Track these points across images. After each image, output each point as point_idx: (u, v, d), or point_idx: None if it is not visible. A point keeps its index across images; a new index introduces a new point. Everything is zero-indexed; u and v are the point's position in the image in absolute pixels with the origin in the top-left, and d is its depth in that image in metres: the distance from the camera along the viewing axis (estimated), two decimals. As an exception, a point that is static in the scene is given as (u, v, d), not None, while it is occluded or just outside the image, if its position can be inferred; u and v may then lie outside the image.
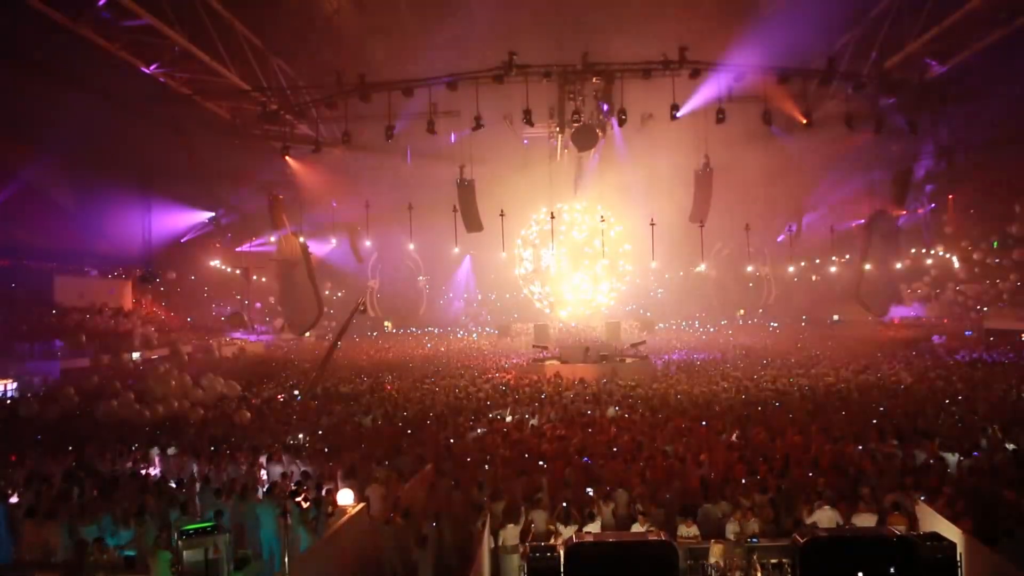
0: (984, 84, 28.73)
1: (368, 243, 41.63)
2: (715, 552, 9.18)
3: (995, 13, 23.84)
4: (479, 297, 55.07)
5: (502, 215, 31.65)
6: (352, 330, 40.86)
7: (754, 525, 10.33)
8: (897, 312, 42.56)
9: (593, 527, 10.42)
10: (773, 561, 9.14)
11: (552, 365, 30.71)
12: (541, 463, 13.92)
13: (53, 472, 14.01)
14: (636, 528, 10.18)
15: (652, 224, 31.59)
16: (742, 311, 52.92)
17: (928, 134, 31.71)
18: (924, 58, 27.95)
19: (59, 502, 11.50)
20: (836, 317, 47.39)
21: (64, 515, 10.92)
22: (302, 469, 13.92)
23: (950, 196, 39.39)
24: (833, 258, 45.04)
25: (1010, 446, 13.98)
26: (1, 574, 9.75)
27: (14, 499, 12.19)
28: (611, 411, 19.35)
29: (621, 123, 28.16)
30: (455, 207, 30.15)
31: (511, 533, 10.45)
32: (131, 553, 10.12)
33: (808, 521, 10.44)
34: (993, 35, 24.93)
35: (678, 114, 26.95)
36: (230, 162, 37.18)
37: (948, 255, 42.41)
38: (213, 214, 42.18)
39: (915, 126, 29.02)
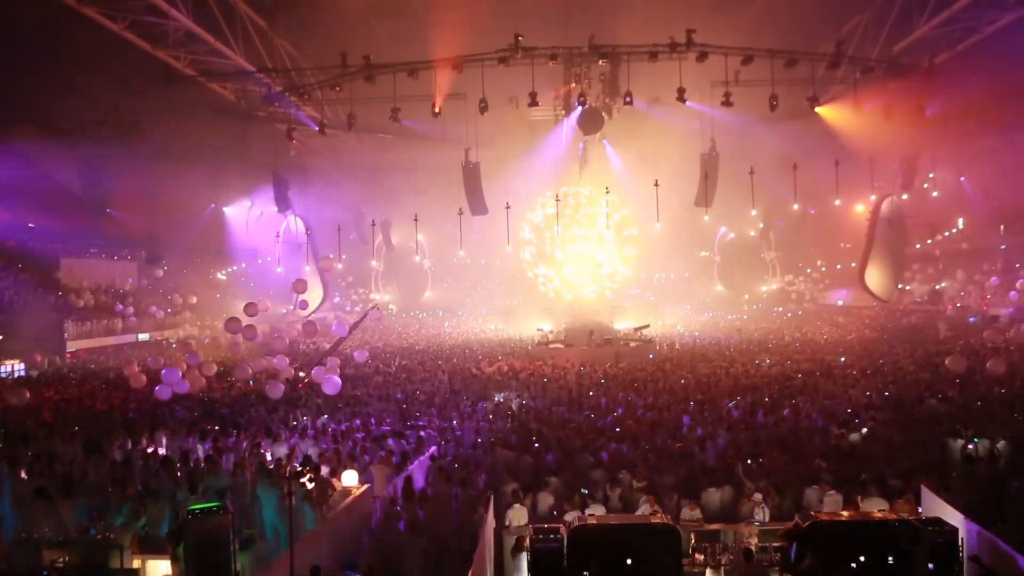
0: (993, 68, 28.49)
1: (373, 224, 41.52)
2: (752, 533, 9.41)
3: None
4: (489, 285, 55.07)
5: (508, 207, 31.52)
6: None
7: (758, 509, 10.41)
8: (903, 297, 42.41)
9: (597, 510, 10.48)
10: (775, 545, 9.21)
11: (557, 349, 30.79)
12: (537, 444, 13.99)
13: (61, 453, 14.11)
14: (641, 511, 10.23)
15: (656, 184, 30.94)
16: (747, 296, 52.85)
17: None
18: (933, 42, 27.73)
19: (72, 483, 11.59)
20: (840, 302, 47.30)
21: (77, 496, 11.02)
22: (307, 450, 14.00)
23: (961, 179, 39.12)
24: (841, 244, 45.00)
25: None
26: (10, 551, 9.84)
27: (23, 478, 12.29)
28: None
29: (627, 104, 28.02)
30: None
31: (515, 515, 10.50)
32: (141, 533, 10.22)
33: (815, 506, 10.47)
34: (1003, 18, 24.71)
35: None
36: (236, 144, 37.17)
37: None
38: None
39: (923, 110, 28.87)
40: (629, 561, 7.93)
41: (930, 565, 7.85)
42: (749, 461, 12.32)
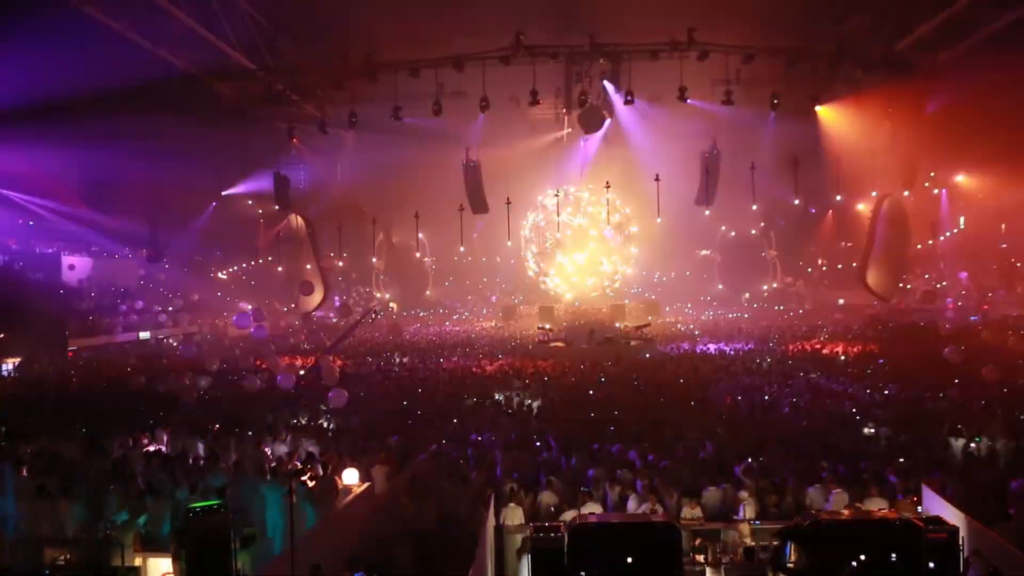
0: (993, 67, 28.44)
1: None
2: (744, 531, 9.40)
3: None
4: (484, 280, 55.07)
5: (508, 203, 31.46)
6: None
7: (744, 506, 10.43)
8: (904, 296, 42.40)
9: (595, 508, 10.47)
10: (774, 543, 9.20)
11: (557, 347, 30.77)
12: (538, 444, 14.00)
13: (63, 451, 14.11)
14: (642, 509, 10.23)
15: (656, 179, 30.88)
16: (747, 294, 52.78)
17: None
18: (934, 41, 27.67)
19: (72, 481, 11.60)
20: (841, 301, 47.25)
21: (78, 494, 11.04)
22: (307, 449, 13.99)
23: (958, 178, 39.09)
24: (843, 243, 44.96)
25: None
26: (12, 549, 9.86)
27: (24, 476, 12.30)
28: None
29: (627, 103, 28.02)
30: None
31: (511, 514, 10.50)
32: (142, 531, 10.24)
33: (819, 504, 10.47)
34: (1004, 18, 24.66)
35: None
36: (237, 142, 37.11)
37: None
38: None
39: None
40: (629, 560, 7.92)
41: (931, 564, 7.85)
42: (749, 460, 12.32)
